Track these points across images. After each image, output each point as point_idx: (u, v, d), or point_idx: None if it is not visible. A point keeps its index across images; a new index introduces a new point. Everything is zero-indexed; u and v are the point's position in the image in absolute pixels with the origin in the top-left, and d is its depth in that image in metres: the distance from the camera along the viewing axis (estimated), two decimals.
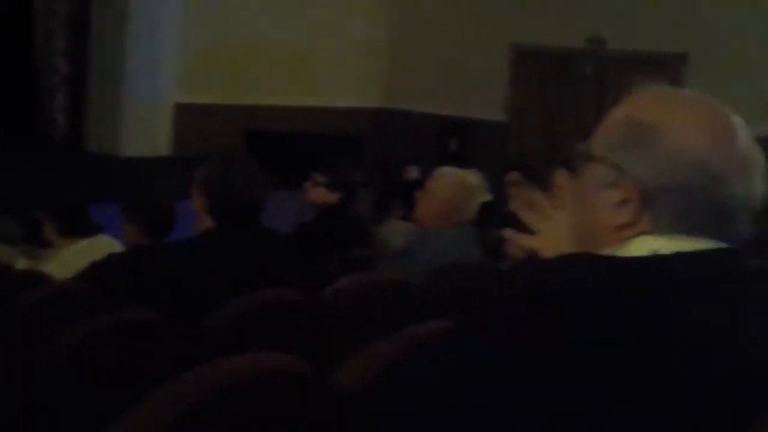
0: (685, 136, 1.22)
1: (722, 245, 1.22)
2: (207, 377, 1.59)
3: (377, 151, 11.35)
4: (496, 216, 5.88)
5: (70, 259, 3.76)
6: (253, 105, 10.36)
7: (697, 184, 1.21)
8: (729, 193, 1.21)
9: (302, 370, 1.61)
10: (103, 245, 3.83)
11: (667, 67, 9.79)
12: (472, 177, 3.75)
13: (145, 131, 9.97)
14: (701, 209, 1.21)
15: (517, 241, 1.53)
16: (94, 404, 2.25)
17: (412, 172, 9.33)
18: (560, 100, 10.49)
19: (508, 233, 1.56)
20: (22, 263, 4.17)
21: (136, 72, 9.91)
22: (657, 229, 1.23)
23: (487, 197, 6.15)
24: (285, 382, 1.59)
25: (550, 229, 1.50)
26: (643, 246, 1.22)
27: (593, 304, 1.14)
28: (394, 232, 4.45)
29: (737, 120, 1.27)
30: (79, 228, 4.03)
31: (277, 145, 9.94)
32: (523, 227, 1.57)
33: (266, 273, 2.92)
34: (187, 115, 10.01)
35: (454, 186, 3.62)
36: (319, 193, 4.56)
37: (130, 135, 9.96)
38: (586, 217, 1.31)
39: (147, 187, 4.22)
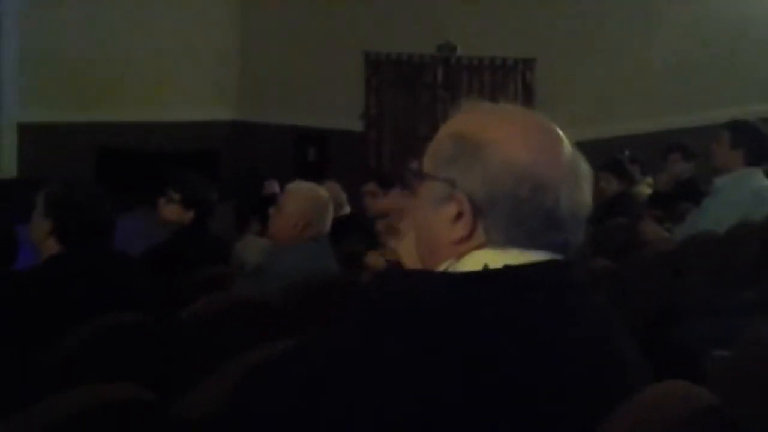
0: (510, 148, 1.26)
1: (553, 256, 1.25)
2: (45, 412, 1.53)
3: (235, 164, 11.23)
4: (354, 227, 5.90)
5: None
6: (102, 122, 10.07)
7: (523, 194, 1.24)
8: (555, 201, 1.25)
9: (145, 398, 1.56)
10: None
11: (515, 73, 10.05)
12: (323, 190, 3.74)
13: None
14: (530, 218, 1.24)
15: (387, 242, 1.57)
16: None
17: (272, 186, 9.25)
18: (414, 108, 10.61)
19: (381, 224, 1.59)
20: None
21: None
22: (491, 241, 1.26)
23: (345, 209, 6.18)
24: (127, 413, 1.54)
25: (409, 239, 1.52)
26: (476, 260, 1.25)
27: (425, 319, 1.16)
28: (251, 248, 4.40)
29: (560, 132, 1.31)
30: None
31: (129, 163, 9.70)
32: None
33: (116, 297, 2.84)
34: (32, 135, 9.66)
35: (306, 200, 3.60)
36: (172, 211, 4.45)
37: None
38: (426, 234, 1.34)
39: None
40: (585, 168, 1.31)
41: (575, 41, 9.76)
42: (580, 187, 1.29)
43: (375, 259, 4.92)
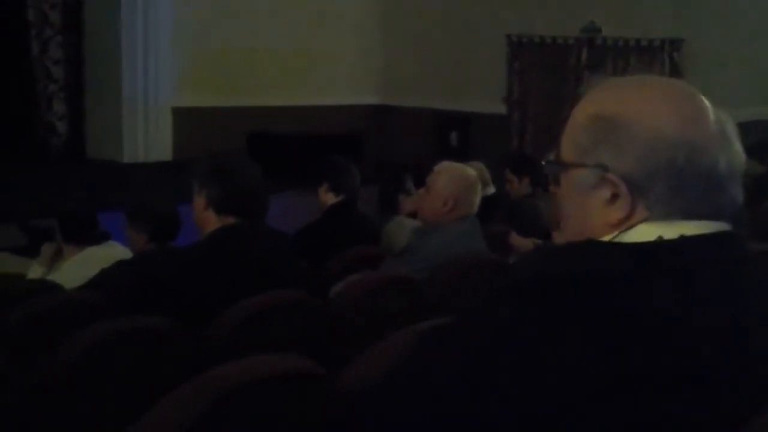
0: (656, 118, 1.22)
1: (721, 226, 1.23)
2: (218, 381, 1.60)
3: (378, 148, 11.34)
4: (500, 208, 5.89)
5: (80, 267, 3.76)
6: (251, 107, 10.33)
7: (679, 160, 1.21)
8: (711, 161, 1.22)
9: (314, 371, 1.61)
10: (112, 252, 3.83)
11: (662, 53, 9.79)
12: (471, 170, 3.74)
13: (145, 136, 9.97)
14: (691, 184, 1.21)
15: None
16: (104, 413, 2.26)
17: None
18: (558, 90, 10.48)
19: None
20: (35, 272, 4.14)
21: (133, 77, 9.91)
22: (655, 215, 1.22)
23: (490, 189, 6.17)
24: (297, 384, 1.59)
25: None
26: (644, 233, 1.22)
27: (604, 289, 1.14)
28: (402, 228, 4.44)
29: (700, 95, 1.28)
30: (88, 236, 4.03)
31: (278, 146, 9.92)
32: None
33: (273, 274, 2.90)
34: (186, 119, 10.00)
35: (455, 180, 3.60)
36: (323, 195, 4.57)
37: (131, 141, 9.96)
38: (579, 222, 1.30)
39: (150, 193, 4.22)
40: (731, 125, 1.27)
41: (724, 20, 9.44)
42: (732, 145, 1.25)
43: (521, 240, 4.91)
